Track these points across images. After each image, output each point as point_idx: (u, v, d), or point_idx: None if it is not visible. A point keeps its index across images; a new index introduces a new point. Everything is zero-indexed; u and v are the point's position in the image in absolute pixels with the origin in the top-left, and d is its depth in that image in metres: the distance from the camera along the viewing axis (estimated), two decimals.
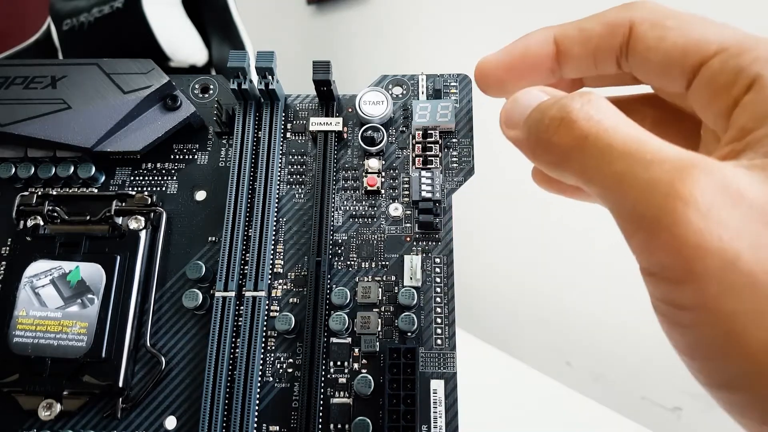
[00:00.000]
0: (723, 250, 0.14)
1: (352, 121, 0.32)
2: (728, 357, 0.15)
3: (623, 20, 0.20)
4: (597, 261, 0.64)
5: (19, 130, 0.30)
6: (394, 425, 0.26)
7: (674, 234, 0.15)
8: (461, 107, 0.32)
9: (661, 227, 0.15)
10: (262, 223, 0.30)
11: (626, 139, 0.17)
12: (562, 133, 0.18)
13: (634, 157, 0.16)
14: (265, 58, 0.30)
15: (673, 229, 0.15)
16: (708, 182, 0.15)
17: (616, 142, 0.17)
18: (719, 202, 0.15)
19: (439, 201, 0.30)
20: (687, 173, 0.15)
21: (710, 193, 0.15)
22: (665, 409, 0.59)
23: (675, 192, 0.15)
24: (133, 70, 0.31)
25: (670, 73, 0.19)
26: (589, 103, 0.18)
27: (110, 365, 0.28)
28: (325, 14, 0.83)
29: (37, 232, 0.30)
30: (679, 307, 0.16)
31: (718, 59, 0.18)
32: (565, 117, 0.18)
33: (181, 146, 0.33)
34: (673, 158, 0.16)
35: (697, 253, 0.15)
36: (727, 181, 0.15)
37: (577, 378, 0.61)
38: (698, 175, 0.15)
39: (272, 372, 0.28)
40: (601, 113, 0.18)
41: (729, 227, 0.14)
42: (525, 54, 0.22)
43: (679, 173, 0.15)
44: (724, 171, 0.15)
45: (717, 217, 0.15)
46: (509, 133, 0.21)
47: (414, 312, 0.29)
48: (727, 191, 0.15)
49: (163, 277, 0.30)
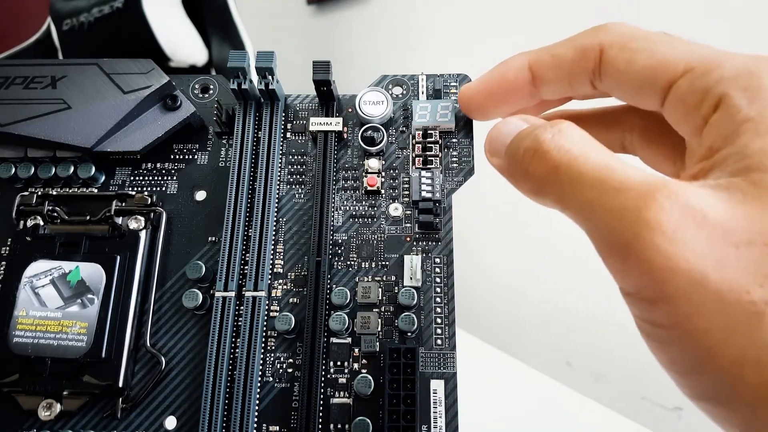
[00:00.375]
0: (690, 271, 0.15)
1: (352, 121, 0.32)
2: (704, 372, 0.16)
3: (593, 44, 0.21)
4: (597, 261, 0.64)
5: (19, 130, 0.30)
6: (394, 425, 0.26)
7: (643, 258, 0.16)
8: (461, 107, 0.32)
9: (631, 252, 0.16)
10: (262, 223, 0.30)
11: (595, 168, 0.18)
12: (536, 164, 0.19)
13: (603, 185, 0.17)
14: (265, 58, 0.30)
15: (642, 253, 0.16)
16: (672, 206, 0.16)
17: (586, 170, 0.18)
18: (683, 225, 0.15)
19: (439, 201, 0.30)
20: (652, 199, 0.16)
21: (674, 217, 0.15)
22: (665, 409, 0.59)
23: (641, 218, 0.16)
24: (133, 70, 0.31)
25: (643, 94, 0.20)
26: (560, 133, 0.19)
27: (110, 365, 0.28)
28: (325, 14, 0.83)
29: (37, 232, 0.30)
30: (656, 325, 0.16)
31: (686, 79, 0.18)
32: (538, 148, 0.19)
33: (181, 146, 0.33)
34: (638, 184, 0.16)
35: (666, 276, 0.15)
36: (691, 203, 0.16)
37: (577, 378, 0.61)
38: (663, 201, 0.16)
39: (272, 372, 0.28)
40: (571, 142, 0.18)
41: (694, 249, 0.15)
42: (502, 81, 0.23)
43: (644, 199, 0.16)
44: (688, 194, 0.16)
45: (682, 239, 0.15)
46: (493, 161, 0.22)
47: (414, 312, 0.29)
48: (691, 214, 0.15)
49: (163, 277, 0.30)
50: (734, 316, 0.15)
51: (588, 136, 0.19)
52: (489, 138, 0.22)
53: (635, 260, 0.16)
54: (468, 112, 0.26)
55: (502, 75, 0.23)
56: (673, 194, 0.16)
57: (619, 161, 0.18)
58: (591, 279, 0.64)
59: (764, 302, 0.14)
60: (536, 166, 0.19)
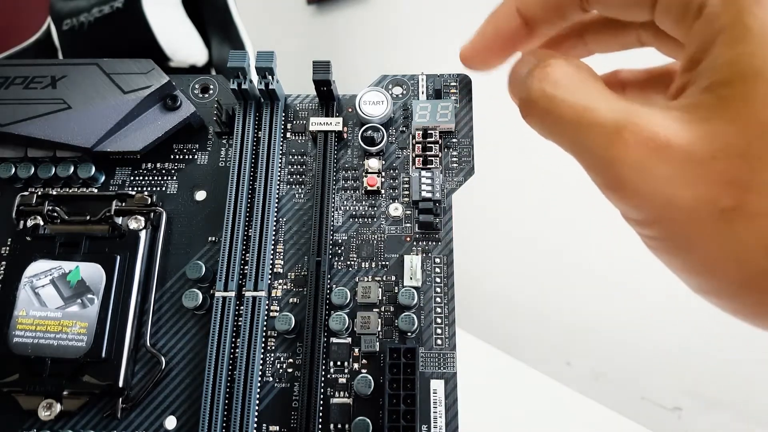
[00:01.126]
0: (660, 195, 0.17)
1: (352, 121, 0.32)
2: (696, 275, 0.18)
3: None
4: (597, 261, 0.64)
5: (19, 130, 0.30)
6: (394, 425, 0.26)
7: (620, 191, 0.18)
8: (461, 107, 0.32)
9: (609, 187, 0.18)
10: (262, 223, 0.30)
11: (574, 109, 0.19)
12: (530, 111, 0.21)
13: (580, 126, 0.18)
14: (265, 58, 0.30)
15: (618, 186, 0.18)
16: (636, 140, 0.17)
17: (565, 112, 0.19)
18: (647, 156, 0.17)
19: (439, 201, 0.30)
20: (617, 135, 0.17)
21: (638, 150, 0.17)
22: (665, 409, 0.59)
23: (609, 155, 0.17)
24: (133, 70, 0.31)
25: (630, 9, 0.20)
26: (546, 77, 0.20)
27: (110, 365, 0.28)
28: (325, 14, 0.83)
29: (37, 232, 0.30)
30: (650, 239, 0.18)
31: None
32: (528, 97, 0.20)
33: (181, 146, 0.33)
34: (609, 121, 0.18)
35: (640, 203, 0.17)
36: (655, 132, 0.17)
37: (577, 378, 0.61)
38: (627, 136, 0.17)
39: (272, 372, 0.28)
40: (555, 85, 0.20)
41: (659, 175, 0.17)
42: (496, 34, 0.24)
43: (611, 136, 0.17)
44: (652, 124, 0.17)
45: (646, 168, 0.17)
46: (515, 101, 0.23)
47: (414, 312, 0.29)
48: (655, 143, 0.17)
49: (163, 277, 0.30)
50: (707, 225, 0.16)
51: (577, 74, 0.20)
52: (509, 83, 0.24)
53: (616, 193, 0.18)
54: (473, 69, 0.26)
55: (494, 28, 0.24)
56: (638, 128, 0.17)
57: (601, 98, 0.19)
58: (591, 279, 0.64)
59: (731, 208, 0.16)
60: (531, 114, 0.21)
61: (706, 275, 0.17)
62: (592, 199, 0.68)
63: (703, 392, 0.59)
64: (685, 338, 0.60)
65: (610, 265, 0.63)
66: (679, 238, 0.17)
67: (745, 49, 0.16)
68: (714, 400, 0.59)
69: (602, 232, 0.64)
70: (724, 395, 0.59)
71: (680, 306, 0.59)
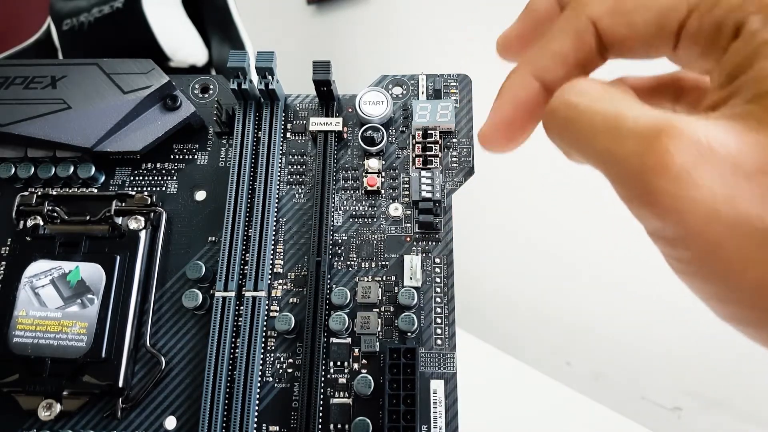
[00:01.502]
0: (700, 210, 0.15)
1: (352, 121, 0.32)
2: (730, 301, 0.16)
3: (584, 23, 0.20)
4: (597, 261, 0.64)
5: (19, 130, 0.30)
6: (394, 425, 0.26)
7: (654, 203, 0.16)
8: (461, 107, 0.32)
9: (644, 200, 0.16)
10: (262, 223, 0.30)
11: (603, 117, 0.17)
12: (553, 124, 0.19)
13: (611, 134, 0.17)
14: (265, 58, 0.30)
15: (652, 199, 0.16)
16: (677, 147, 0.15)
17: (593, 121, 0.18)
18: (690, 165, 0.15)
19: (439, 201, 0.30)
20: (657, 141, 0.16)
21: (680, 158, 0.15)
22: (665, 409, 0.59)
23: (647, 163, 0.16)
24: (133, 70, 0.31)
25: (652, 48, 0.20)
26: (570, 89, 0.19)
27: (110, 365, 0.28)
28: (325, 14, 0.83)
29: (37, 232, 0.30)
30: (680, 261, 0.17)
31: (694, 19, 0.18)
32: (549, 109, 0.19)
33: (181, 146, 0.33)
34: (644, 128, 0.16)
35: (678, 217, 0.16)
36: (698, 139, 0.15)
37: (577, 378, 0.61)
38: (667, 141, 0.16)
39: (272, 372, 0.28)
40: (579, 95, 0.18)
41: (703, 186, 0.15)
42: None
43: (649, 144, 0.16)
44: (695, 130, 0.16)
45: (689, 180, 0.15)
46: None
47: (414, 312, 0.29)
48: (698, 150, 0.15)
49: (163, 277, 0.30)
50: (751, 246, 0.15)
51: (600, 85, 0.19)
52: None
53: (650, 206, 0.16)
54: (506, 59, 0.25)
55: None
56: (678, 133, 0.15)
57: (631, 106, 0.17)
58: (591, 279, 0.64)
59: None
60: (552, 126, 0.19)
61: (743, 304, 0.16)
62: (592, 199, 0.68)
63: (703, 392, 0.59)
64: (685, 338, 0.60)
65: (610, 265, 0.63)
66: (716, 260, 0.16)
67: None
68: (714, 400, 0.59)
69: (602, 232, 0.64)
70: (724, 395, 0.59)
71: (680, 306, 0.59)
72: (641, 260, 0.62)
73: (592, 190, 0.63)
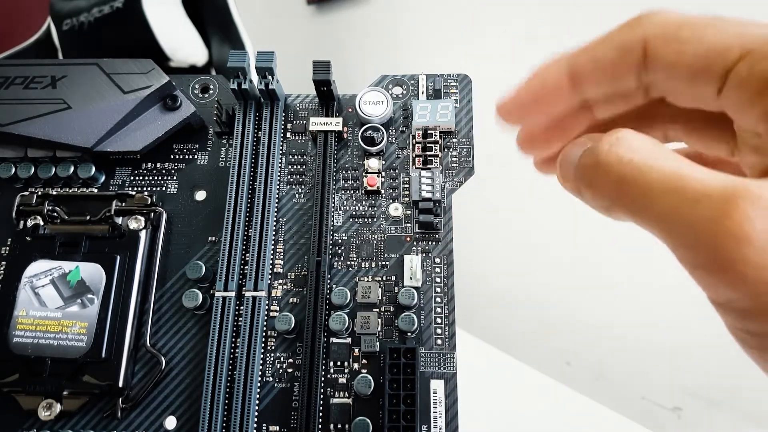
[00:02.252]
0: None
1: (352, 121, 0.32)
2: None
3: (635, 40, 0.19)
4: (597, 261, 0.64)
5: (19, 130, 0.30)
6: (394, 425, 0.26)
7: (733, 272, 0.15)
8: (461, 107, 0.32)
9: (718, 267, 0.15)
10: (262, 223, 0.30)
11: (664, 176, 0.16)
12: (599, 180, 0.18)
13: (676, 195, 0.16)
14: (265, 58, 0.30)
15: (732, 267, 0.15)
16: (757, 212, 0.14)
17: (654, 180, 0.16)
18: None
19: (439, 201, 0.30)
20: (734, 206, 0.15)
21: (762, 224, 0.14)
22: (665, 409, 0.59)
23: (725, 229, 0.15)
24: (133, 70, 0.31)
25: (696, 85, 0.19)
26: (618, 142, 0.18)
27: (110, 365, 0.28)
28: (325, 14, 0.83)
29: (37, 232, 0.30)
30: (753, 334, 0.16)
31: (745, 64, 0.17)
32: (598, 163, 0.18)
33: (181, 146, 0.33)
34: (716, 191, 0.15)
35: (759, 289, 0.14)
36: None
37: (577, 378, 0.61)
38: (746, 207, 0.15)
39: (272, 372, 0.28)
40: (632, 151, 0.17)
41: None
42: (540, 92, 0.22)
43: (725, 208, 0.15)
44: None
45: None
46: (566, 186, 0.22)
47: (414, 312, 0.29)
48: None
49: (163, 277, 0.30)
50: None
51: (650, 140, 0.18)
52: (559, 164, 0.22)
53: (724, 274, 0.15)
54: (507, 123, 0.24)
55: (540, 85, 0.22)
56: (757, 198, 0.15)
57: (690, 165, 0.16)
58: (591, 279, 0.64)
59: None
60: (600, 183, 0.18)
61: None
62: None
63: (703, 392, 0.59)
64: (685, 338, 0.60)
65: (610, 265, 0.63)
66: None
67: None
68: (714, 400, 0.59)
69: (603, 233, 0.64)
70: (724, 395, 0.59)
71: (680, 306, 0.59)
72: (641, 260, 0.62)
73: None
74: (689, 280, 0.17)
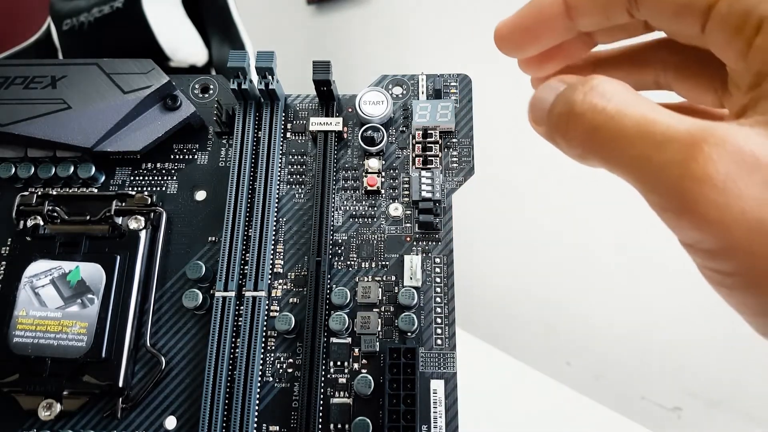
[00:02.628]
0: (747, 221, 0.15)
1: (352, 121, 0.32)
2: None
3: None
4: (597, 261, 0.64)
5: (19, 130, 0.30)
6: (394, 425, 0.26)
7: (697, 213, 0.15)
8: (461, 107, 0.32)
9: (684, 209, 0.16)
10: (262, 223, 0.30)
11: (635, 123, 0.17)
12: (573, 128, 0.18)
13: (645, 141, 0.16)
14: (265, 58, 0.30)
15: (695, 208, 0.15)
16: (720, 155, 0.15)
17: (626, 127, 0.17)
18: (735, 174, 0.15)
19: (439, 201, 0.30)
20: (699, 149, 0.15)
21: (724, 166, 0.15)
22: (665, 409, 0.59)
23: (690, 173, 0.15)
24: (133, 70, 0.31)
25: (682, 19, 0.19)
26: (593, 90, 0.18)
27: (110, 365, 0.28)
28: (325, 14, 0.83)
29: (37, 232, 0.30)
30: (720, 273, 0.16)
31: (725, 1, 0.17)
32: (572, 111, 0.18)
33: (181, 146, 0.33)
34: (683, 135, 0.16)
35: (722, 228, 0.15)
36: (740, 148, 0.15)
37: (577, 378, 0.61)
38: (710, 150, 0.15)
39: (272, 372, 0.28)
40: (606, 99, 0.18)
41: (749, 196, 0.15)
42: (537, 17, 0.22)
43: (691, 151, 0.15)
44: (737, 138, 0.15)
45: (735, 189, 0.15)
46: (537, 130, 0.22)
47: (414, 312, 0.29)
48: (742, 159, 0.15)
49: (163, 277, 0.30)
50: None
51: (624, 87, 0.18)
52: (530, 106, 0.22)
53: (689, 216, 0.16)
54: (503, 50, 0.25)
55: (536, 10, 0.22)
56: (721, 141, 0.15)
57: (661, 111, 0.17)
58: (591, 279, 0.64)
59: None
60: (574, 132, 0.18)
61: None
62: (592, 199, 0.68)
63: (703, 392, 0.59)
64: (685, 338, 0.60)
65: (610, 265, 0.63)
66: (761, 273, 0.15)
67: None
68: (714, 400, 0.59)
69: (603, 232, 0.64)
70: (724, 395, 0.59)
71: (681, 306, 0.59)
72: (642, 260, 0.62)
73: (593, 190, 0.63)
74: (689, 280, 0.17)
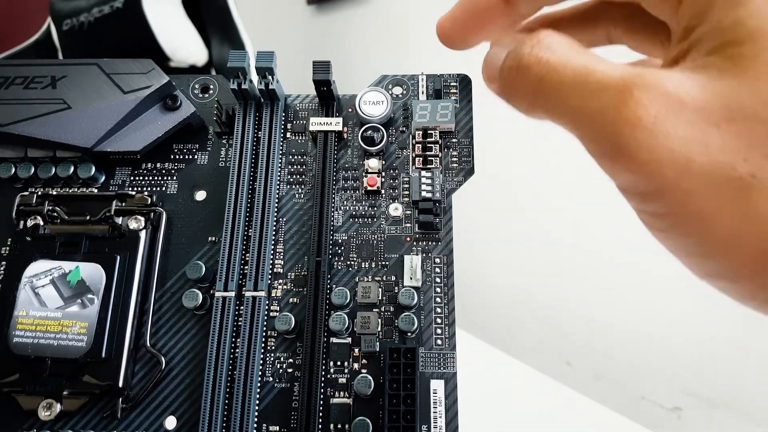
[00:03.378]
0: (675, 160, 0.15)
1: (352, 121, 0.32)
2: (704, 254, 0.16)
3: None
4: (597, 261, 0.64)
5: (19, 130, 0.30)
6: (394, 425, 0.26)
7: (628, 156, 0.16)
8: (461, 107, 0.32)
9: (617, 153, 0.16)
10: (262, 223, 0.30)
11: (574, 73, 0.17)
12: (521, 81, 0.19)
13: (583, 89, 0.17)
14: (265, 58, 0.30)
15: (626, 151, 0.16)
16: (649, 98, 0.16)
17: (566, 77, 0.17)
18: (663, 115, 0.15)
19: (439, 201, 0.30)
20: (629, 94, 0.16)
21: (653, 109, 0.15)
22: (665, 409, 0.59)
23: (621, 117, 0.16)
24: (133, 70, 0.31)
25: None
26: (539, 44, 0.18)
27: (110, 365, 0.28)
28: (325, 14, 0.83)
29: (37, 232, 0.30)
30: (653, 215, 0.17)
31: None
32: (519, 64, 0.19)
33: (181, 146, 0.33)
34: (615, 82, 0.16)
35: (652, 169, 0.16)
36: (668, 91, 0.16)
37: (577, 378, 0.61)
38: (639, 94, 0.16)
39: (272, 372, 0.28)
40: (551, 51, 0.18)
41: (676, 136, 0.15)
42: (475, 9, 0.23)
43: (621, 96, 0.16)
44: (664, 82, 0.16)
45: (663, 130, 0.15)
46: (491, 87, 0.22)
47: (414, 312, 0.29)
48: (669, 102, 0.15)
49: (163, 277, 0.30)
50: (724, 195, 0.15)
51: (569, 41, 0.19)
52: (484, 64, 0.22)
53: (622, 159, 0.16)
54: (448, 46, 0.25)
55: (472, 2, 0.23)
56: (649, 86, 0.16)
57: (600, 62, 0.17)
58: (591, 279, 0.64)
59: (750, 175, 0.15)
60: (522, 84, 0.19)
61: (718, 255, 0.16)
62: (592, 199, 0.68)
63: (703, 392, 0.59)
64: (685, 338, 0.60)
65: (610, 264, 0.63)
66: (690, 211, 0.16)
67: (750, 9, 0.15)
68: (714, 400, 0.59)
69: (603, 232, 0.64)
70: (724, 395, 0.59)
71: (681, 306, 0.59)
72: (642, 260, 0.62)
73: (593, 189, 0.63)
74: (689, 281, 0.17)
